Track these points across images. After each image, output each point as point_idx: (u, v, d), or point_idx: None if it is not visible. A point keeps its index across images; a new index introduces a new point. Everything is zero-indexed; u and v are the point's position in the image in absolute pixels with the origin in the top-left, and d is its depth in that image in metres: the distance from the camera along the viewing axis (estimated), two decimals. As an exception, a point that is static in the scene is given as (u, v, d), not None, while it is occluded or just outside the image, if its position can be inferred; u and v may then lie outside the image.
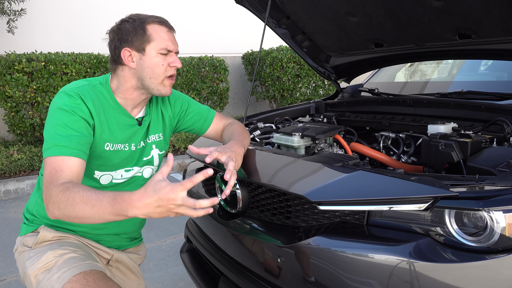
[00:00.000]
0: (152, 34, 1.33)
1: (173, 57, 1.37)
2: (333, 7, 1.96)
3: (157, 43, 1.33)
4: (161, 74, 1.35)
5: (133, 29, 1.33)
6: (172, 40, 1.37)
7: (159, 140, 1.53)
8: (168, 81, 1.38)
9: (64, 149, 1.20)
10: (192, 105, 1.63)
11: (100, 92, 1.37)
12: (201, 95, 6.35)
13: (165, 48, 1.34)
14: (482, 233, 1.02)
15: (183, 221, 3.49)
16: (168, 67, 1.36)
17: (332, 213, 1.26)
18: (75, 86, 1.34)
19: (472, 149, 1.45)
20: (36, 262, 1.30)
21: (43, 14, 5.97)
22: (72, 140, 1.22)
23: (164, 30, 1.36)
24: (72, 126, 1.24)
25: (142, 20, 1.34)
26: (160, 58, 1.35)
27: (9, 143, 5.36)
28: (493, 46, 1.77)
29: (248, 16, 5.40)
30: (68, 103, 1.27)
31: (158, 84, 1.36)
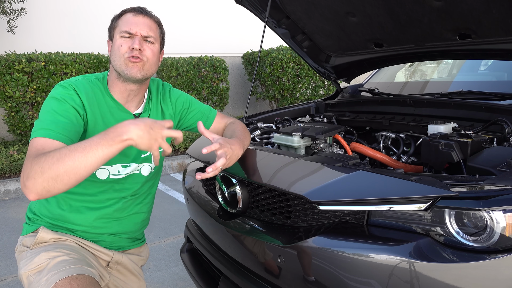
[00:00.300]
0: (119, 21, 1.39)
1: (134, 38, 1.36)
2: (333, 7, 1.96)
3: (120, 27, 1.37)
4: (121, 56, 1.35)
5: (111, 22, 1.42)
6: (137, 23, 1.37)
7: None
8: (130, 60, 1.35)
9: (49, 132, 1.20)
10: (194, 104, 1.63)
11: (96, 86, 1.39)
12: (201, 95, 6.35)
13: (125, 30, 1.35)
14: (482, 233, 1.02)
15: (183, 221, 3.49)
16: (128, 49, 1.35)
17: (332, 213, 1.26)
18: (71, 79, 1.37)
19: (472, 149, 1.45)
20: (29, 263, 1.31)
21: (43, 14, 5.97)
22: (59, 125, 1.23)
23: (130, 15, 1.38)
24: (60, 112, 1.26)
25: (122, 12, 1.41)
26: (121, 40, 1.36)
27: (9, 143, 5.36)
28: (493, 46, 1.77)
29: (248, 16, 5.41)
30: (61, 93, 1.30)
31: (121, 65, 1.35)
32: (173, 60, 6.11)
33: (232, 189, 1.55)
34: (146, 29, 1.38)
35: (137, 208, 1.54)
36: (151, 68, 1.41)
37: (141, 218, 1.58)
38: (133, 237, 1.59)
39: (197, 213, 1.83)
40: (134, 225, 1.56)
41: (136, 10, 1.40)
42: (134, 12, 1.39)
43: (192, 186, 1.97)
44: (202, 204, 1.78)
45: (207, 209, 1.71)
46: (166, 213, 3.71)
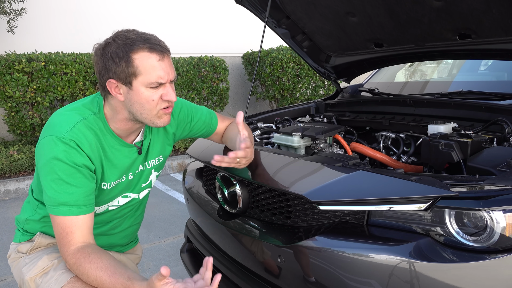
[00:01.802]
0: (139, 67, 1.14)
1: (166, 88, 1.19)
2: (333, 7, 1.96)
3: (146, 77, 1.15)
4: (152, 109, 1.20)
5: (117, 59, 1.14)
6: (165, 69, 1.17)
7: (158, 163, 1.47)
8: (164, 112, 1.23)
9: (71, 209, 1.17)
10: (195, 116, 1.53)
11: (95, 126, 1.24)
12: (201, 95, 6.35)
13: (156, 81, 1.16)
14: (482, 233, 1.02)
15: (183, 221, 3.49)
16: (160, 100, 1.20)
17: (332, 213, 1.26)
18: (69, 127, 1.18)
19: (472, 149, 1.45)
20: (33, 268, 1.31)
21: (43, 14, 5.97)
22: (78, 197, 1.17)
23: (154, 58, 1.15)
24: (74, 182, 1.17)
25: (128, 48, 1.14)
26: (150, 92, 1.17)
27: (9, 143, 5.36)
28: (493, 46, 1.77)
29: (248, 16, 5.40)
30: (66, 154, 1.16)
31: (152, 117, 1.22)
32: (173, 60, 6.11)
33: (232, 189, 1.55)
34: (173, 71, 1.21)
35: (132, 221, 1.54)
36: None
37: (134, 229, 1.59)
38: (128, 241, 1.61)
39: (197, 213, 1.83)
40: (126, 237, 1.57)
41: (155, 49, 1.15)
42: (156, 54, 1.15)
43: (192, 186, 1.97)
44: (202, 204, 1.78)
45: (207, 209, 1.71)
46: (166, 213, 3.71)
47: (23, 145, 5.13)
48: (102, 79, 1.19)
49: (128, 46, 1.14)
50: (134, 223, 1.56)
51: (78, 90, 5.09)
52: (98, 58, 1.18)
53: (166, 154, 1.51)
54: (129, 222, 1.53)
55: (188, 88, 6.20)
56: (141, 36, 1.17)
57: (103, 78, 1.18)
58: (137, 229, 1.63)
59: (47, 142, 1.17)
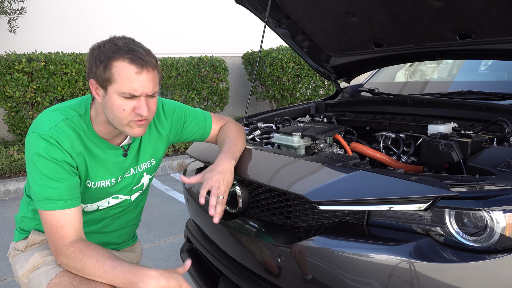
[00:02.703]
0: (115, 74, 1.15)
1: (140, 101, 1.19)
2: (333, 7, 1.96)
3: (119, 86, 1.16)
4: (123, 119, 1.20)
5: (98, 62, 1.17)
6: (141, 82, 1.17)
7: (151, 166, 1.48)
8: (136, 123, 1.22)
9: (57, 203, 1.19)
10: (188, 117, 1.53)
11: (78, 127, 1.26)
12: (201, 95, 6.35)
13: (128, 92, 1.16)
14: (482, 233, 1.02)
15: (183, 221, 3.49)
16: (132, 112, 1.19)
17: (332, 213, 1.26)
18: (51, 125, 1.21)
19: (472, 149, 1.45)
20: (25, 264, 1.34)
21: (43, 14, 5.97)
22: (62, 191, 1.20)
23: (132, 70, 1.15)
24: (56, 177, 1.20)
25: (111, 55, 1.16)
26: (122, 101, 1.18)
27: (9, 143, 5.36)
28: (493, 46, 1.77)
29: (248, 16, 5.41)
30: (46, 150, 1.19)
31: (123, 126, 1.22)
32: (173, 60, 6.12)
33: (232, 189, 1.55)
34: (152, 86, 1.20)
35: (126, 222, 1.54)
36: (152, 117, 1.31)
37: (129, 230, 1.59)
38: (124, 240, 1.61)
39: (197, 213, 1.83)
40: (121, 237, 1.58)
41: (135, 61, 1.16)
42: (135, 66, 1.15)
43: (192, 186, 1.97)
44: (202, 204, 1.78)
45: (207, 209, 1.71)
46: (166, 213, 3.71)
47: (23, 145, 5.13)
48: (87, 78, 1.24)
49: (111, 52, 1.16)
50: (130, 224, 1.56)
51: (78, 90, 5.09)
52: (89, 55, 1.23)
53: (159, 156, 1.50)
54: (123, 222, 1.52)
55: (188, 88, 6.21)
56: (129, 46, 1.18)
57: (88, 77, 1.23)
58: (134, 229, 1.63)
59: (30, 139, 1.22)
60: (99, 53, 1.18)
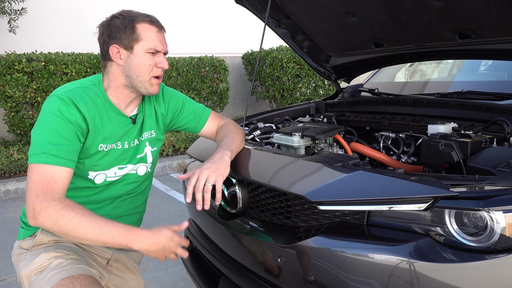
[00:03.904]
0: (141, 34, 1.33)
1: (161, 57, 1.38)
2: (333, 7, 1.96)
3: (146, 43, 1.33)
4: (147, 74, 1.36)
5: (122, 27, 1.33)
6: (161, 40, 1.37)
7: (151, 137, 1.53)
8: (155, 80, 1.39)
9: (53, 158, 1.20)
10: (187, 104, 1.62)
11: (93, 93, 1.36)
12: (201, 95, 6.35)
13: (154, 48, 1.34)
14: (482, 233, 1.02)
15: (183, 221, 3.49)
16: (155, 67, 1.37)
17: (332, 213, 1.26)
18: (67, 89, 1.32)
19: (472, 149, 1.45)
20: (29, 264, 1.31)
21: (43, 14, 5.97)
22: (61, 148, 1.22)
23: (153, 29, 1.35)
24: (63, 134, 1.23)
25: (132, 18, 1.34)
26: (148, 58, 1.35)
27: (9, 143, 5.36)
28: (493, 46, 1.77)
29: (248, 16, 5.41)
30: (61, 108, 1.25)
31: (145, 82, 1.37)
32: (173, 60, 6.12)
33: (232, 189, 1.55)
34: (167, 46, 1.40)
35: (133, 208, 1.54)
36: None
37: (136, 218, 1.58)
38: None
39: (197, 213, 1.83)
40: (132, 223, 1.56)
41: (155, 23, 1.37)
42: (155, 26, 1.36)
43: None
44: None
45: (207, 209, 1.71)
46: (166, 213, 3.71)
47: (23, 145, 5.13)
48: (105, 47, 1.35)
49: (132, 17, 1.34)
50: (136, 211, 1.57)
51: (78, 90, 5.09)
52: (104, 28, 1.36)
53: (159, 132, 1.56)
54: (130, 207, 1.53)
55: (188, 88, 6.21)
56: (140, 13, 1.39)
57: (106, 46, 1.35)
58: (139, 221, 1.62)
59: (47, 101, 1.29)
60: (120, 21, 1.34)
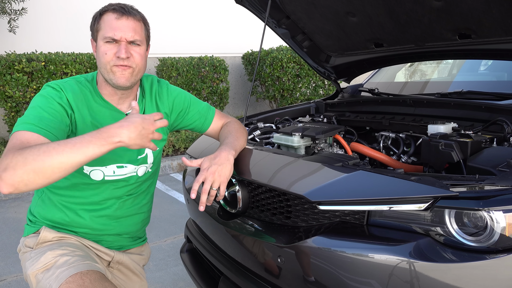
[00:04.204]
0: (101, 23, 1.32)
1: (120, 45, 1.30)
2: (333, 7, 1.96)
3: (102, 32, 1.31)
4: (106, 64, 1.31)
5: (93, 19, 1.35)
6: (120, 27, 1.30)
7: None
8: (117, 68, 1.31)
9: (33, 127, 1.17)
10: (192, 104, 1.59)
11: (84, 87, 1.37)
12: (201, 95, 6.35)
13: (109, 36, 1.29)
14: (482, 233, 1.02)
15: (183, 221, 3.49)
16: (114, 56, 1.30)
17: (332, 213, 1.26)
18: (59, 80, 1.36)
19: (472, 149, 1.45)
20: (35, 263, 1.31)
21: (43, 14, 5.97)
22: (43, 121, 1.20)
23: (112, 17, 1.30)
24: (46, 109, 1.24)
25: (103, 9, 1.33)
26: (105, 47, 1.30)
27: (9, 143, 5.35)
28: (493, 46, 1.77)
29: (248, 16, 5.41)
30: (49, 91, 1.30)
31: (108, 73, 1.32)
32: (173, 60, 6.12)
33: (232, 189, 1.55)
34: (132, 33, 1.31)
35: (136, 208, 1.53)
36: (140, 73, 1.38)
37: (141, 218, 1.57)
38: (135, 236, 1.59)
39: (197, 213, 1.83)
40: (134, 225, 1.55)
41: (117, 10, 1.31)
42: (116, 13, 1.31)
43: (192, 186, 1.96)
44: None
45: (207, 209, 1.71)
46: (166, 213, 3.71)
47: (23, 145, 5.13)
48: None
49: (103, 8, 1.33)
50: (141, 211, 1.55)
51: (78, 90, 5.09)
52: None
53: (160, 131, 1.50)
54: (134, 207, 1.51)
55: (188, 88, 6.21)
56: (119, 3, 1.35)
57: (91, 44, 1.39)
58: (146, 220, 1.61)
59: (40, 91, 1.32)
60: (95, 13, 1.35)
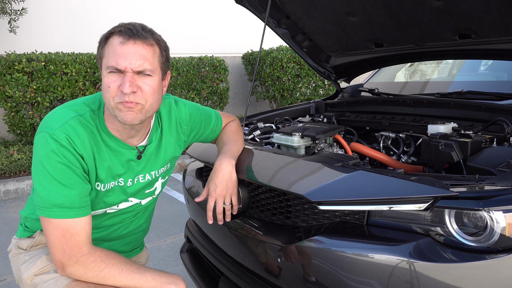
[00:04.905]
0: (105, 48, 1.10)
1: (124, 77, 1.07)
2: (333, 7, 1.96)
3: (106, 59, 1.09)
4: (109, 98, 1.10)
5: (98, 43, 1.13)
6: (125, 54, 1.07)
7: (166, 170, 1.41)
8: (123, 105, 1.10)
9: (67, 211, 1.10)
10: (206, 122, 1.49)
11: (89, 124, 1.17)
12: (201, 95, 6.35)
13: (112, 66, 1.07)
14: (482, 233, 1.02)
15: (183, 221, 3.49)
16: (119, 91, 1.08)
17: (332, 213, 1.26)
18: (61, 123, 1.12)
19: (472, 149, 1.45)
20: (31, 267, 1.28)
21: (43, 14, 5.97)
22: (73, 199, 1.11)
23: (117, 41, 1.08)
24: (68, 182, 1.11)
25: (110, 31, 1.11)
26: (108, 78, 1.09)
27: (9, 143, 5.35)
28: (493, 46, 1.77)
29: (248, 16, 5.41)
30: (58, 151, 1.09)
31: (113, 109, 1.11)
32: (173, 60, 6.12)
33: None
34: (140, 61, 1.08)
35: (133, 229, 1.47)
36: (152, 108, 1.16)
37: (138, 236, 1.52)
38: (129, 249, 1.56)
39: (197, 213, 1.83)
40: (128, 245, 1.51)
41: (123, 33, 1.08)
42: (121, 37, 1.08)
43: (192, 186, 1.96)
44: (202, 204, 1.78)
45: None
46: (166, 213, 3.71)
47: (23, 145, 5.13)
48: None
49: (109, 31, 1.12)
50: (137, 231, 1.49)
51: (78, 90, 5.09)
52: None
53: (174, 162, 1.46)
54: (131, 228, 1.45)
55: (188, 88, 6.20)
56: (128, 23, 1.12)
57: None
58: (142, 237, 1.56)
59: (39, 139, 1.12)
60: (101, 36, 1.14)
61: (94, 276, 1.13)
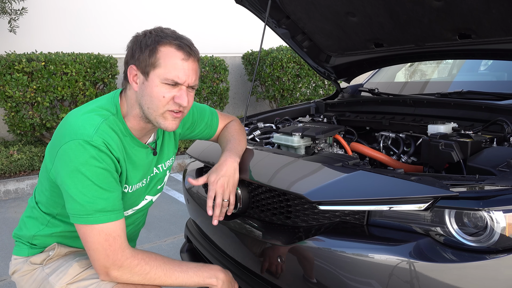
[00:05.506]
0: (160, 59, 1.14)
1: (181, 90, 1.17)
2: (333, 7, 1.96)
3: (164, 71, 1.14)
4: (160, 107, 1.16)
5: (144, 46, 1.15)
6: (186, 70, 1.16)
7: (171, 162, 1.47)
8: (170, 114, 1.19)
9: (110, 214, 1.12)
10: (198, 117, 1.53)
11: (116, 127, 1.20)
12: (201, 95, 6.35)
13: (172, 79, 1.14)
14: (482, 233, 1.02)
15: (183, 221, 3.49)
16: (172, 101, 1.17)
17: (332, 213, 1.26)
18: (94, 129, 1.13)
19: (472, 149, 1.45)
20: (63, 276, 1.24)
21: (43, 14, 5.97)
22: (114, 201, 1.14)
23: (178, 56, 1.15)
24: (108, 187, 1.13)
25: (158, 39, 1.15)
26: (163, 89, 1.15)
27: (9, 143, 5.35)
28: (493, 46, 1.77)
29: (248, 16, 5.42)
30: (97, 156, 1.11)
31: (158, 116, 1.18)
32: (173, 60, 6.10)
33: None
34: (194, 77, 1.19)
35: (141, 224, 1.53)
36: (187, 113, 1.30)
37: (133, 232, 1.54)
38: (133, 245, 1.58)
39: (197, 213, 1.83)
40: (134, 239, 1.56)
41: (183, 48, 1.16)
42: (182, 53, 1.15)
43: (192, 186, 1.97)
44: (202, 204, 1.78)
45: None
46: (166, 213, 3.71)
47: (23, 145, 5.13)
48: (126, 66, 1.21)
49: (159, 37, 1.16)
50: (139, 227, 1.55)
51: (78, 90, 5.08)
52: (131, 43, 1.21)
53: (175, 155, 1.51)
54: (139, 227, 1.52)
55: (188, 88, 6.20)
56: (175, 34, 1.19)
57: (127, 65, 1.20)
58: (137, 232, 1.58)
59: (73, 148, 1.10)
60: (145, 38, 1.17)
61: (141, 279, 1.16)
